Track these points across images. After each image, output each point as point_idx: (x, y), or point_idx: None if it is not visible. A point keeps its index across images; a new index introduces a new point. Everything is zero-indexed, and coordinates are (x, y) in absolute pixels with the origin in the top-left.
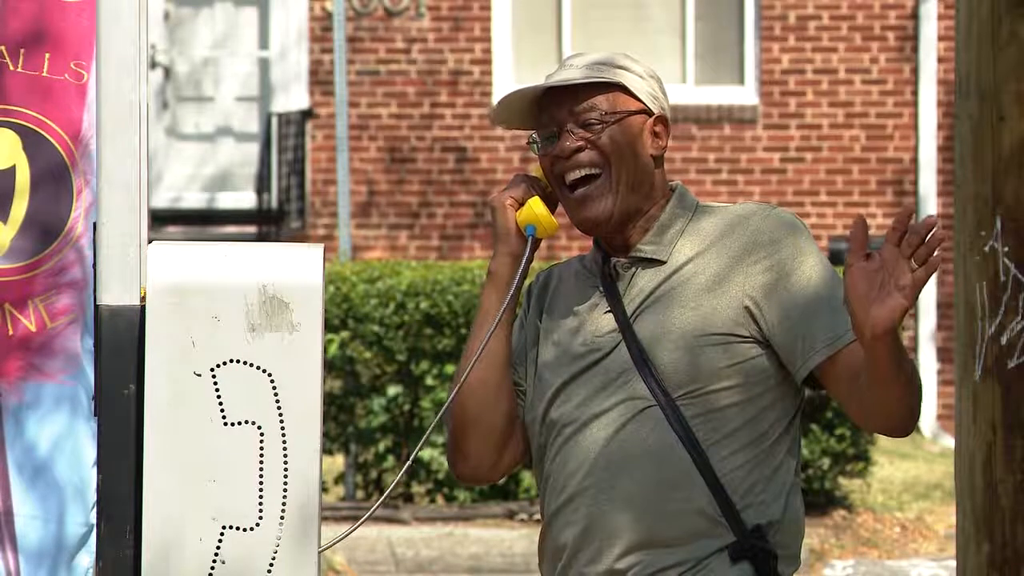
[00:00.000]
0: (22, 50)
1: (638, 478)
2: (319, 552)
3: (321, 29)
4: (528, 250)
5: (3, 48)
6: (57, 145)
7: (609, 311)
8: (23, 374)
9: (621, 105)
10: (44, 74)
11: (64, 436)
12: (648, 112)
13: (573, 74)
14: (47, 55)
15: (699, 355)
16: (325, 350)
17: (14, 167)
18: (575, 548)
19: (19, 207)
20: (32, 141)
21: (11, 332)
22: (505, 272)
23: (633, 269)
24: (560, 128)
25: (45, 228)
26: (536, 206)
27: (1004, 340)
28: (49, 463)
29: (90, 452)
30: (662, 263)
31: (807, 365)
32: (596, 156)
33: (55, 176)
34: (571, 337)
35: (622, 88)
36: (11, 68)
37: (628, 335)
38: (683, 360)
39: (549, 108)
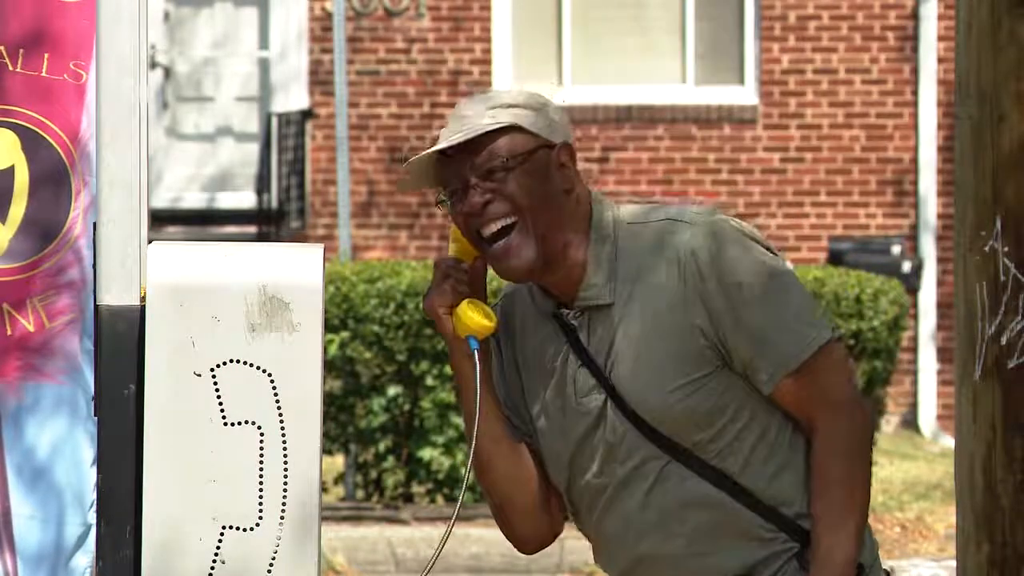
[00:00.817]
0: (21, 50)
1: (689, 533)
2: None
3: (321, 29)
4: (477, 359)
5: (2, 48)
6: (56, 145)
7: (582, 365)
8: (21, 374)
9: (520, 146)
10: (43, 74)
11: (62, 437)
12: (549, 145)
13: (464, 126)
14: (46, 55)
15: (687, 408)
16: (325, 350)
17: (13, 167)
18: None
19: (18, 207)
20: (31, 141)
21: (10, 332)
22: (468, 373)
23: (586, 316)
24: (465, 184)
25: (44, 228)
26: (466, 315)
27: (1004, 340)
28: (47, 464)
29: (88, 453)
30: (609, 305)
31: (763, 392)
32: (507, 206)
33: (54, 176)
34: (556, 397)
35: (517, 129)
36: (10, 68)
37: (609, 392)
38: (675, 419)
39: (451, 165)
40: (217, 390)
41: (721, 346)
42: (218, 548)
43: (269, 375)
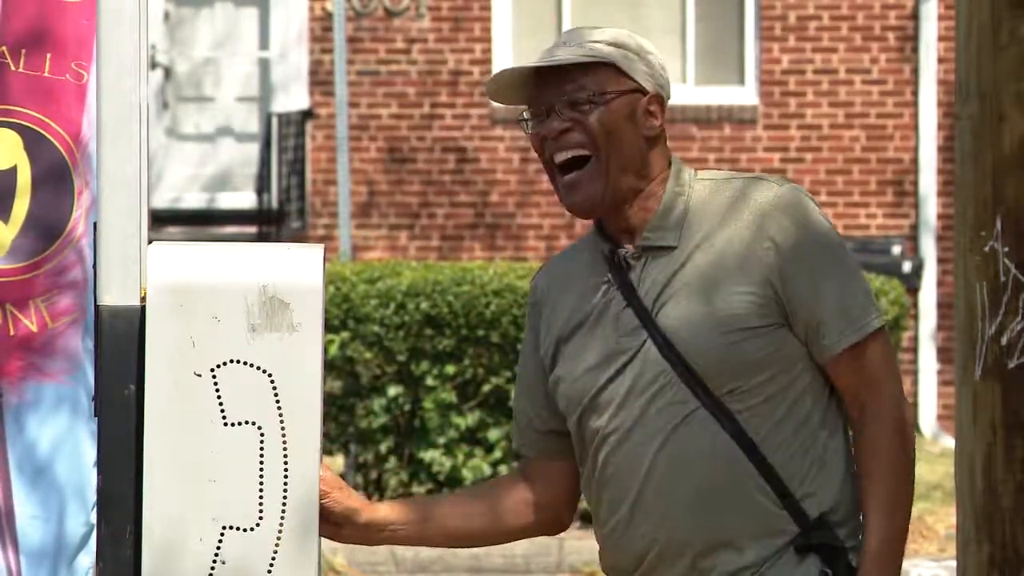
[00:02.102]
0: (23, 50)
1: (698, 484)
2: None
3: (321, 29)
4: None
5: (4, 48)
6: (58, 145)
7: (627, 305)
8: (24, 374)
9: (612, 85)
10: (45, 74)
11: (65, 437)
12: (642, 91)
13: (564, 54)
14: (48, 55)
15: (735, 352)
16: (325, 350)
17: (15, 167)
18: (647, 564)
19: (20, 207)
20: (33, 141)
21: (12, 332)
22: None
23: (643, 258)
24: (549, 108)
25: (46, 228)
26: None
27: (1004, 340)
28: (50, 464)
29: (91, 453)
30: (672, 248)
31: (820, 358)
32: (584, 137)
33: (56, 176)
34: (591, 339)
35: (614, 67)
36: (12, 68)
37: (653, 331)
38: (720, 359)
39: (540, 87)
40: (217, 390)
41: (787, 303)
42: (218, 548)
43: (269, 375)
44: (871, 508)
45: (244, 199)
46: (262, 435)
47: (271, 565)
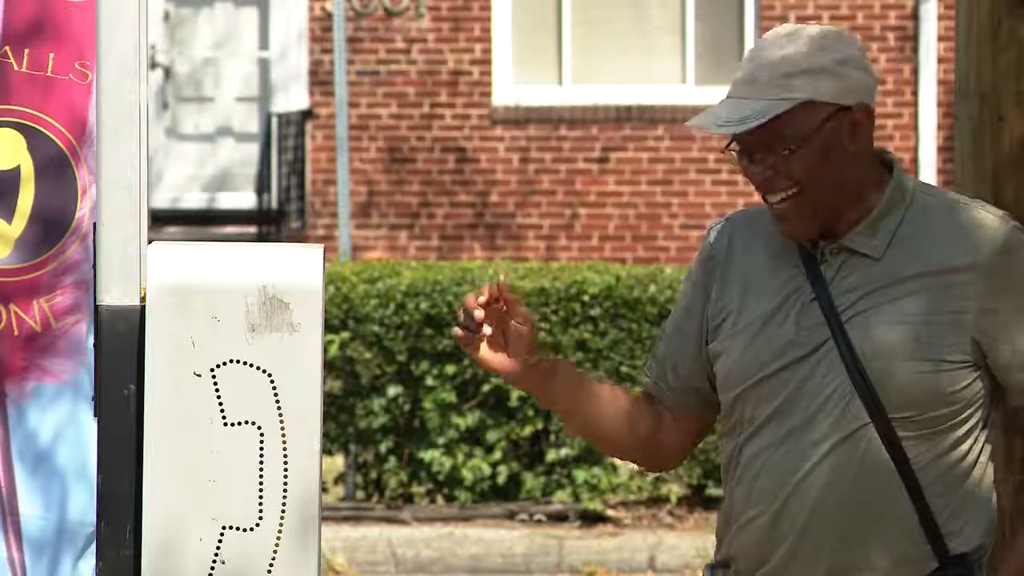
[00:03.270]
0: (26, 50)
1: (850, 502)
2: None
3: (321, 29)
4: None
5: (7, 48)
6: (62, 145)
7: (815, 299)
8: (28, 374)
9: (810, 122)
10: (48, 74)
11: (69, 436)
12: (845, 107)
13: (751, 99)
14: (51, 55)
15: (923, 381)
16: (325, 350)
17: (18, 167)
18: (776, 566)
19: (23, 206)
20: (36, 141)
21: (16, 332)
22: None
23: (842, 258)
24: (751, 152)
25: (50, 228)
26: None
27: None
28: (55, 464)
29: (94, 452)
30: (874, 259)
31: (1015, 402)
32: (788, 182)
33: (59, 176)
34: (767, 322)
35: (810, 103)
36: (15, 68)
37: (838, 335)
38: (905, 384)
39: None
40: (217, 390)
41: (986, 342)
42: (218, 548)
43: (269, 375)
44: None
45: (244, 199)
46: (262, 435)
47: (271, 565)
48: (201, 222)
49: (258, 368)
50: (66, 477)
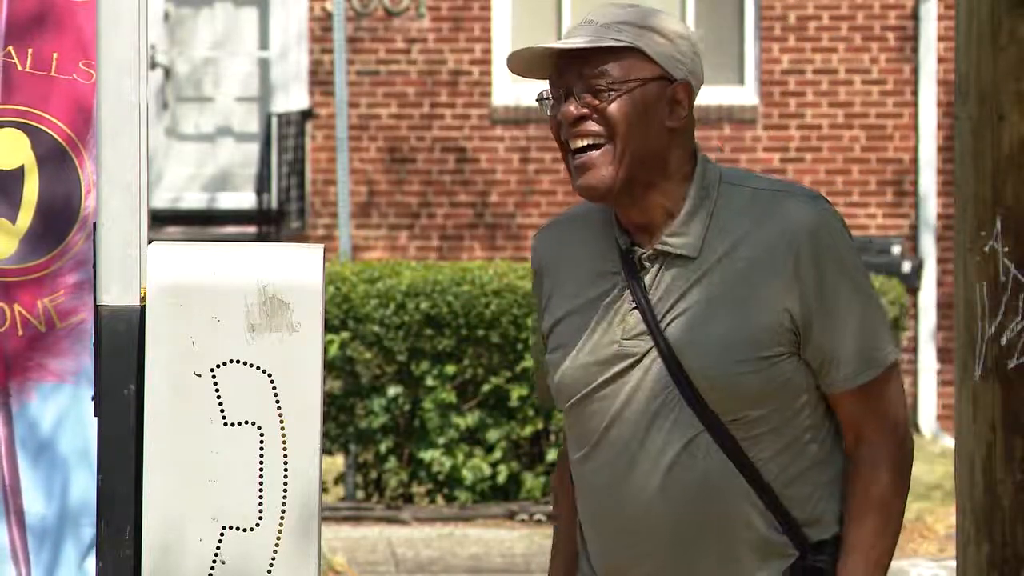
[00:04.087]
0: (30, 50)
1: (700, 511)
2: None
3: (321, 29)
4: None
5: (11, 48)
6: (65, 145)
7: (635, 307)
8: (33, 375)
9: (636, 72)
10: (52, 74)
11: (73, 437)
12: (668, 78)
13: (587, 35)
14: (55, 54)
15: (748, 381)
16: (325, 350)
17: (23, 167)
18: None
19: (28, 208)
20: (40, 141)
21: (20, 331)
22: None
23: (659, 261)
24: (568, 91)
25: (54, 229)
26: None
27: (1004, 340)
28: (60, 464)
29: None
30: (691, 259)
31: (828, 388)
32: (601, 127)
33: (63, 176)
34: (591, 331)
35: (639, 52)
36: (19, 68)
37: (660, 342)
38: (728, 387)
39: (562, 67)
40: (217, 390)
41: (802, 333)
42: (218, 548)
43: (269, 375)
44: (851, 545)
45: (244, 199)
46: (262, 435)
47: (271, 565)
48: (201, 222)
49: (258, 368)
50: (71, 476)
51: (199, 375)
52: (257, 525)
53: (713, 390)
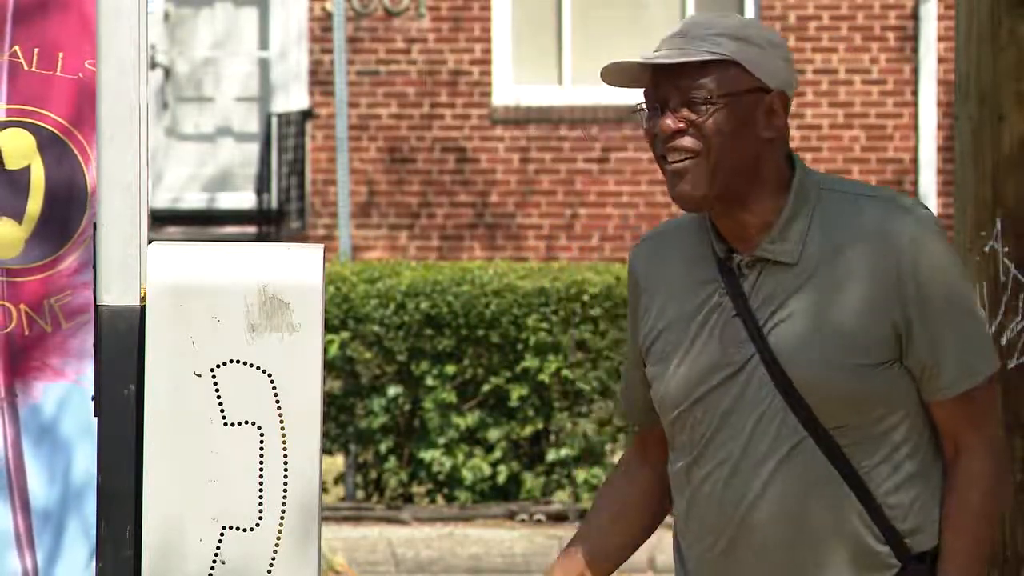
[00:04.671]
0: (36, 49)
1: (802, 519)
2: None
3: (321, 29)
4: None
5: (17, 48)
6: (71, 144)
7: (736, 315)
8: (39, 375)
9: (732, 85)
10: (58, 73)
11: (80, 437)
12: (764, 89)
13: (682, 48)
14: (60, 55)
15: (853, 388)
16: (325, 350)
17: (29, 167)
18: None
19: (33, 207)
20: (46, 141)
21: (27, 332)
22: None
23: (758, 268)
24: (664, 103)
25: (59, 228)
26: None
27: (1004, 340)
28: (67, 463)
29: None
30: (791, 265)
31: (928, 396)
32: (696, 142)
33: (69, 176)
34: (692, 342)
35: (735, 64)
36: (25, 68)
37: (763, 350)
38: (832, 395)
39: (657, 79)
40: (217, 390)
41: (905, 340)
42: (218, 548)
43: (269, 375)
44: (950, 556)
45: (244, 199)
46: (262, 435)
47: (271, 565)
48: (201, 222)
49: (258, 368)
50: (79, 477)
51: (199, 375)
52: (257, 525)
53: (817, 397)
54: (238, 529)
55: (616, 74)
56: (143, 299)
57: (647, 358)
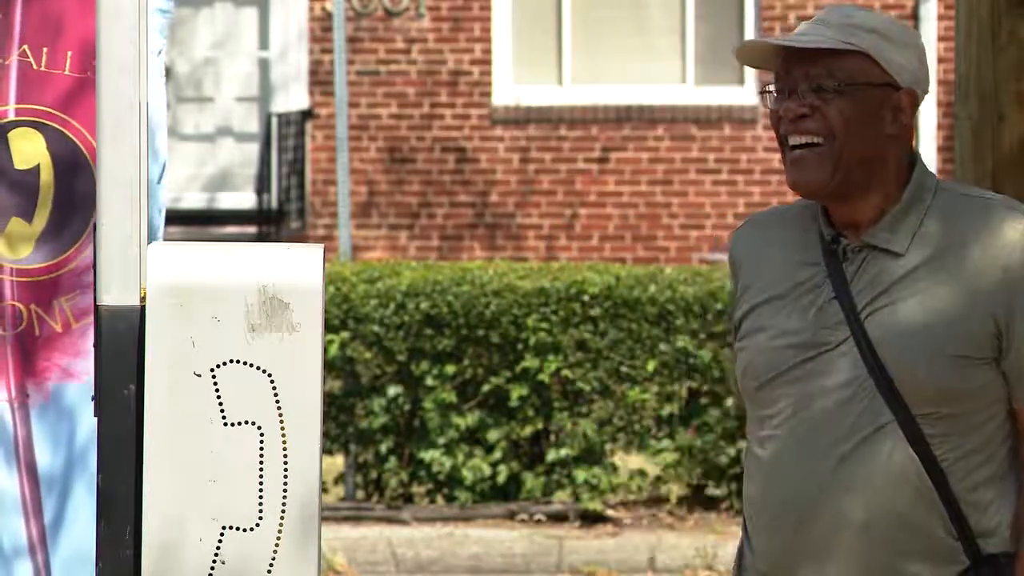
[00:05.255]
0: (45, 48)
1: (878, 504)
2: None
3: (321, 29)
4: None
5: (26, 47)
6: (80, 144)
7: (835, 297)
8: (50, 375)
9: (862, 76)
10: (67, 72)
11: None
12: (894, 85)
13: (818, 34)
14: (69, 53)
15: (945, 376)
16: (325, 350)
17: (38, 166)
18: (803, 565)
19: (43, 207)
20: (55, 140)
21: (38, 333)
22: None
23: (864, 254)
24: (792, 87)
25: (69, 227)
26: None
27: None
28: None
29: None
30: (898, 255)
31: (1018, 402)
32: (821, 126)
33: (78, 175)
34: (787, 319)
35: (868, 57)
36: (34, 67)
37: (858, 332)
38: (926, 380)
39: (789, 62)
40: (217, 390)
41: (1005, 342)
42: (218, 548)
43: (269, 375)
44: (1022, 561)
45: (244, 199)
46: (262, 435)
47: (271, 565)
48: (201, 222)
49: (258, 368)
50: (91, 481)
51: (199, 375)
52: (257, 525)
53: (910, 380)
54: (238, 529)
55: (750, 54)
56: (143, 299)
57: (738, 332)
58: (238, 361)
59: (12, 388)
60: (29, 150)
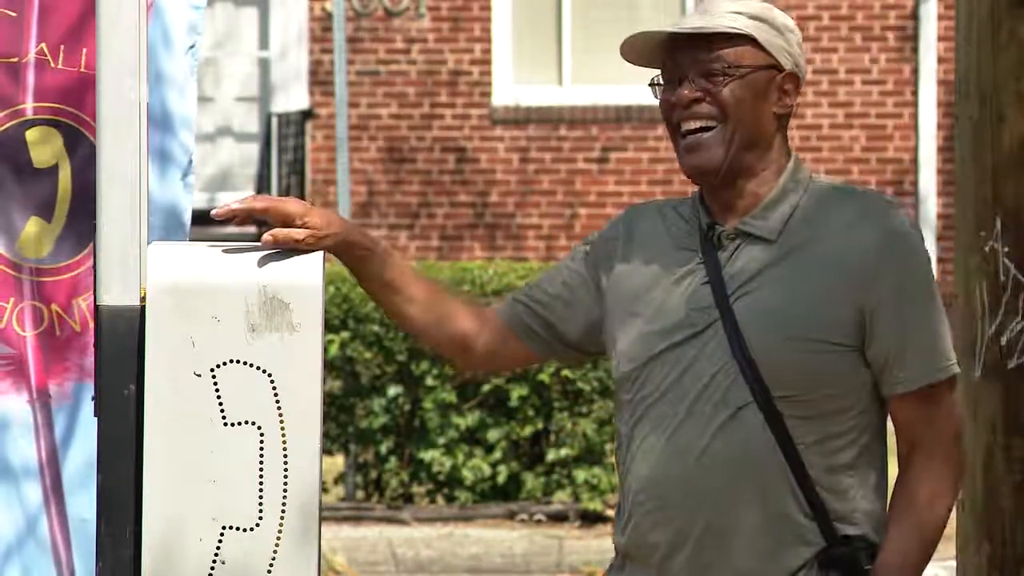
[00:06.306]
0: (62, 46)
1: (736, 486)
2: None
3: (321, 29)
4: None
5: (44, 45)
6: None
7: (707, 282)
8: (70, 375)
9: (748, 59)
10: (83, 70)
11: None
12: (778, 67)
13: (702, 22)
14: (84, 51)
15: (806, 360)
16: (325, 350)
17: (56, 165)
18: (667, 552)
19: (62, 205)
20: (73, 138)
21: (58, 332)
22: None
23: (738, 242)
24: (682, 76)
25: (88, 226)
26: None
27: (1004, 340)
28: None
29: None
30: (770, 242)
31: (888, 390)
32: (714, 109)
33: (95, 173)
34: (661, 304)
35: (752, 41)
36: (52, 65)
37: (726, 316)
38: (788, 362)
39: (674, 53)
40: (217, 390)
41: (869, 330)
42: (218, 548)
43: (269, 375)
44: (889, 549)
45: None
46: (262, 435)
47: (271, 565)
48: (201, 222)
49: (258, 368)
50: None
51: (199, 375)
52: (257, 525)
53: (770, 363)
54: (238, 529)
55: (634, 49)
56: (143, 299)
57: (611, 317)
58: (238, 361)
59: (34, 389)
60: (48, 148)
